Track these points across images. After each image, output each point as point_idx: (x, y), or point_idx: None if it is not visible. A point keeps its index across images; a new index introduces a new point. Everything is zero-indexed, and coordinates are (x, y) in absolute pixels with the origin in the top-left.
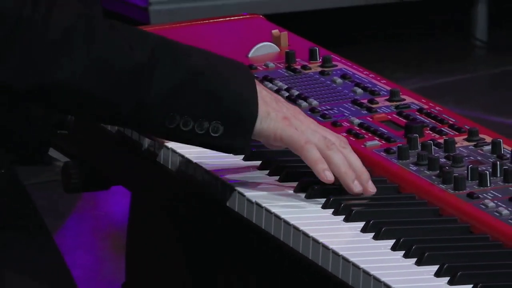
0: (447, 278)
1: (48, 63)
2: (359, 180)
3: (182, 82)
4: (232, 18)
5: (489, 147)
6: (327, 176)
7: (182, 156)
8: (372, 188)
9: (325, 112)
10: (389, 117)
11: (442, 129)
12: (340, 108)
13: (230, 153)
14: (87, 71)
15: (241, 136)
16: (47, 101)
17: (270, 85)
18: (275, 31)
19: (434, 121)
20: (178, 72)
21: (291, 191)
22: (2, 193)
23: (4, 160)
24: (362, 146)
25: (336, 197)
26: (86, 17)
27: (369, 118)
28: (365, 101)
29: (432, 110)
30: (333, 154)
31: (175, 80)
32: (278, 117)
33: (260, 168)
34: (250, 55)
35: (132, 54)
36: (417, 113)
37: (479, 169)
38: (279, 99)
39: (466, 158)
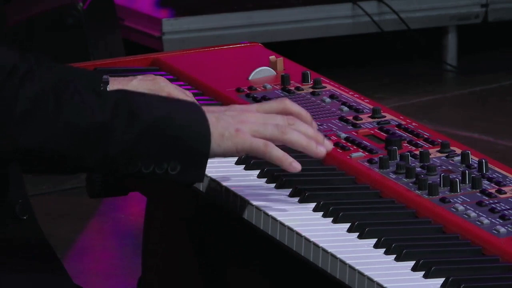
0: (422, 272)
1: (16, 132)
2: (318, 143)
3: (140, 132)
4: (235, 46)
5: (459, 158)
6: (295, 168)
7: None
8: (329, 145)
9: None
10: (372, 131)
11: (418, 142)
12: (329, 124)
13: (187, 187)
14: (55, 136)
15: (197, 168)
16: (20, 163)
17: None
18: (272, 57)
19: (411, 135)
20: (136, 124)
21: (285, 195)
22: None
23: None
24: (348, 157)
25: (325, 201)
26: (53, 86)
27: (354, 133)
28: (350, 118)
29: (409, 125)
30: (289, 136)
31: (134, 131)
32: (231, 133)
33: (259, 176)
34: (250, 78)
35: (95, 116)
36: (396, 128)
37: (450, 177)
38: (220, 113)
39: (439, 167)
